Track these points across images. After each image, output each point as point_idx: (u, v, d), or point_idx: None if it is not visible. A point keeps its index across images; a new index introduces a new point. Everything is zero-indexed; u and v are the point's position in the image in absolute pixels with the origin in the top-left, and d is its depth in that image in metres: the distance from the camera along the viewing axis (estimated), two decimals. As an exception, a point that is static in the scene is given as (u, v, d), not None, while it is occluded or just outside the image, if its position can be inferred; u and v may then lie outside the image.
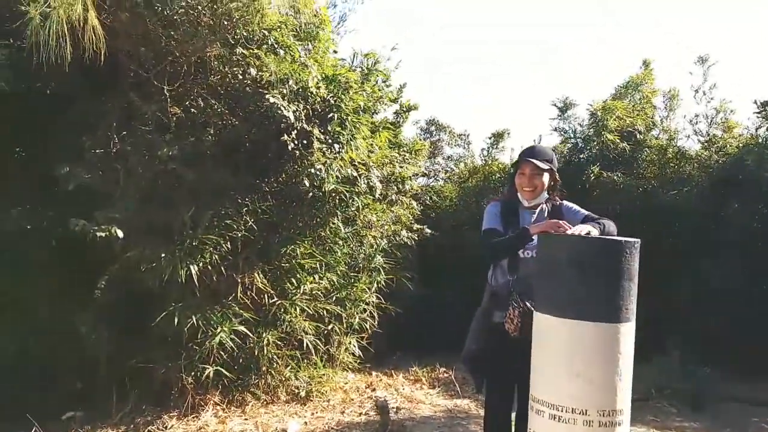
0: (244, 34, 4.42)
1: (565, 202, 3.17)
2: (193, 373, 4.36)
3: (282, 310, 4.80)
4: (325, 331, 5.35)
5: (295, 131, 4.34)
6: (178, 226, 4.27)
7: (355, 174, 4.82)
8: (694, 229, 7.18)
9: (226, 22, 4.33)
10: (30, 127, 4.55)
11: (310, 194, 4.68)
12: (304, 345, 4.94)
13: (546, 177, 3.06)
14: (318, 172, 4.35)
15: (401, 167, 6.12)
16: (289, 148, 4.30)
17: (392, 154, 6.25)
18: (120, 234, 3.88)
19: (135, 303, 4.44)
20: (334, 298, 5.45)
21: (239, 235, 4.50)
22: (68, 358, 4.44)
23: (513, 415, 3.22)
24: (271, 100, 4.11)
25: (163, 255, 4.13)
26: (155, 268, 4.13)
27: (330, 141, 4.55)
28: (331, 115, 4.53)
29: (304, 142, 4.44)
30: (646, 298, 7.32)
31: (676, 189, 7.42)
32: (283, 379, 4.85)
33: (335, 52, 5.42)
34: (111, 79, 4.32)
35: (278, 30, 4.47)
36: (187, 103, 4.46)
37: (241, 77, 4.38)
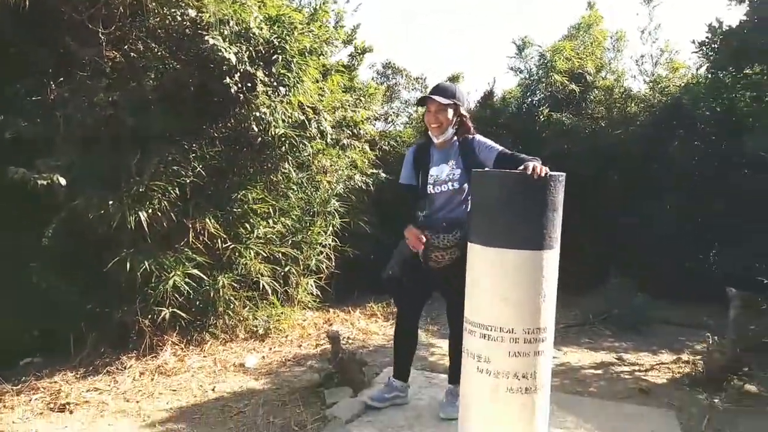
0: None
1: (477, 137, 3.27)
2: (150, 316, 4.47)
3: (236, 253, 4.92)
4: (282, 273, 5.51)
5: (238, 74, 4.33)
6: (124, 173, 4.29)
7: (303, 118, 4.87)
8: (638, 167, 7.49)
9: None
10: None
11: (259, 139, 4.72)
12: (261, 286, 5.10)
13: (450, 112, 3.18)
14: (263, 116, 4.38)
15: (354, 111, 6.17)
16: (233, 91, 4.31)
17: (345, 98, 6.28)
18: (62, 182, 3.87)
19: (87, 250, 4.49)
20: (290, 241, 5.59)
21: (188, 181, 4.55)
22: (23, 307, 4.49)
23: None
24: (211, 41, 4.08)
25: (110, 202, 4.16)
26: (103, 216, 4.17)
27: (275, 84, 4.57)
28: (275, 57, 4.53)
29: (248, 85, 4.45)
30: (592, 233, 7.82)
31: (621, 129, 7.68)
32: (242, 318, 5.02)
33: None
34: (43, 23, 4.21)
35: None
36: (126, 47, 4.38)
37: (180, 19, 4.30)
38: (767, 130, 4.97)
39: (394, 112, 8.93)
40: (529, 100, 8.30)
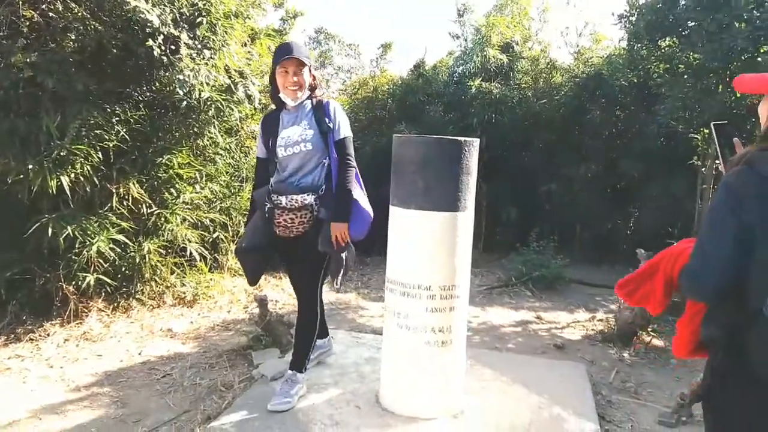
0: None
1: (333, 104, 3.08)
2: (74, 282, 4.39)
3: (162, 219, 4.87)
4: (211, 240, 5.49)
5: (162, 36, 4.24)
6: (44, 136, 4.15)
7: (230, 82, 4.82)
8: (561, 135, 7.81)
9: None
10: None
11: (185, 103, 4.64)
12: (189, 253, 5.08)
13: (307, 72, 2.99)
14: (187, 79, 4.31)
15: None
16: (156, 54, 4.22)
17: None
18: (-24, 144, 3.73)
19: (7, 216, 4.34)
20: (218, 207, 5.56)
21: (111, 145, 4.44)
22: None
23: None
24: (133, 3, 3.97)
25: (30, 166, 4.03)
26: (23, 180, 4.04)
27: (200, 47, 4.49)
28: (199, 19, 4.44)
29: (172, 47, 4.36)
30: (517, 199, 8.08)
31: (546, 98, 7.96)
32: (169, 285, 4.99)
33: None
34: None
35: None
36: (44, 6, 4.20)
37: (100, -22, 4.16)
38: (678, 101, 5.27)
39: (326, 78, 8.88)
40: (461, 69, 8.45)
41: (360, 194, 3.11)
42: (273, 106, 3.19)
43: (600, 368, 4.11)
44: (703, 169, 5.46)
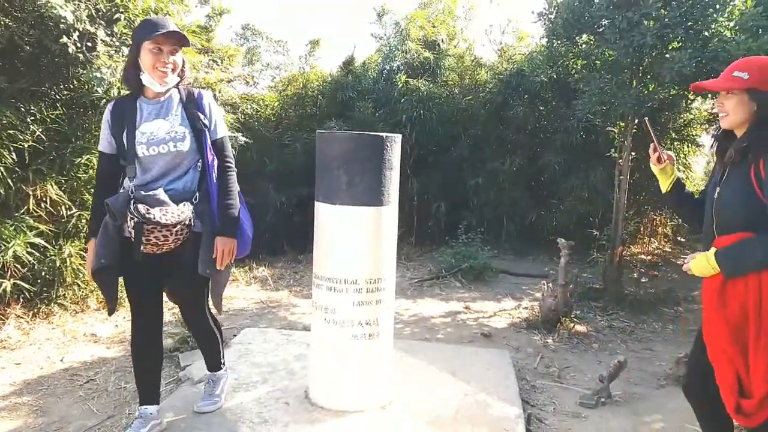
0: None
1: (205, 95, 2.65)
2: (-12, 289, 4.19)
3: (84, 221, 4.70)
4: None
5: (77, 33, 4.09)
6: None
7: (150, 79, 4.69)
8: (487, 130, 8.05)
9: None
10: None
11: (104, 101, 4.50)
12: (113, 255, 4.91)
13: (180, 54, 2.53)
14: (104, 77, 4.18)
15: (207, 73, 6.02)
16: (71, 51, 4.07)
17: (197, 59, 6.10)
18: None
19: None
20: (144, 207, 5.40)
21: (26, 145, 4.26)
22: None
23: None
24: (44, -2, 3.82)
25: (-64, 167, 3.82)
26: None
27: (118, 44, 4.36)
28: (117, 16, 4.32)
29: (89, 44, 4.22)
30: (445, 193, 8.27)
31: (472, 95, 8.17)
32: (93, 288, 4.82)
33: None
34: None
35: None
36: (-50, 0, 3.98)
37: (10, -28, 3.98)
38: (595, 95, 5.52)
39: (250, 75, 8.76)
40: (389, 66, 8.54)
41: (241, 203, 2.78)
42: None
43: (525, 354, 4.28)
44: (620, 161, 5.74)
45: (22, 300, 4.44)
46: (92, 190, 4.80)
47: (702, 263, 2.12)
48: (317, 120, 8.28)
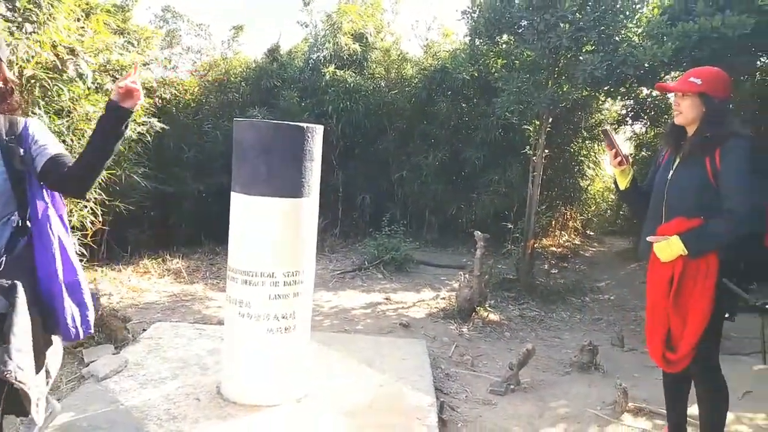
0: None
1: (31, 123, 2.03)
2: None
3: None
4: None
5: (-28, 6, 3.78)
6: None
7: (55, 59, 4.41)
8: (412, 124, 8.14)
9: None
10: None
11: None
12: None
13: (4, 66, 1.96)
14: (3, 54, 3.87)
15: (122, 55, 5.72)
16: (-35, 24, 3.75)
17: (111, 39, 5.78)
18: None
19: None
20: (46, 194, 5.08)
21: None
22: None
23: None
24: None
25: None
26: None
27: (20, 20, 4.06)
28: (20, -11, 4.02)
29: (-14, 19, 3.90)
30: (370, 185, 8.31)
31: (398, 89, 8.23)
32: None
33: None
34: None
35: None
36: None
37: None
38: (513, 94, 5.68)
39: (168, 59, 8.43)
40: (315, 56, 8.46)
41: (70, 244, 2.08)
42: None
43: (441, 343, 4.38)
44: (534, 157, 5.96)
45: None
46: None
47: (667, 248, 2.42)
48: (239, 107, 8.09)
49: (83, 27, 5.15)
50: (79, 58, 4.68)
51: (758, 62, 5.77)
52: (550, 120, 5.93)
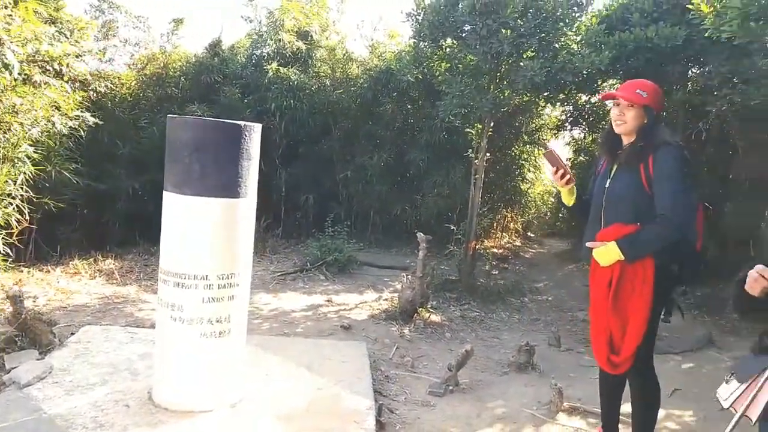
0: None
1: None
2: None
3: None
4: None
5: None
6: None
7: (-22, 48, 4.17)
8: (357, 125, 8.12)
9: None
10: None
11: None
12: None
13: None
14: None
15: (52, 45, 5.46)
16: None
17: (41, 28, 5.51)
18: None
19: None
20: (-33, 191, 4.80)
21: None
22: None
23: None
24: None
25: None
26: None
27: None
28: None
29: None
30: (314, 186, 8.25)
31: (343, 88, 8.19)
32: None
33: None
34: None
35: None
36: None
37: None
38: (456, 98, 5.73)
39: (104, 51, 8.08)
40: (258, 52, 8.31)
41: None
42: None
43: (382, 345, 4.36)
44: (476, 161, 6.03)
45: None
46: None
47: (605, 253, 2.50)
48: (178, 103, 7.85)
49: (11, 15, 4.90)
50: (5, 47, 4.44)
51: (689, 72, 6.04)
52: (492, 124, 6.02)
